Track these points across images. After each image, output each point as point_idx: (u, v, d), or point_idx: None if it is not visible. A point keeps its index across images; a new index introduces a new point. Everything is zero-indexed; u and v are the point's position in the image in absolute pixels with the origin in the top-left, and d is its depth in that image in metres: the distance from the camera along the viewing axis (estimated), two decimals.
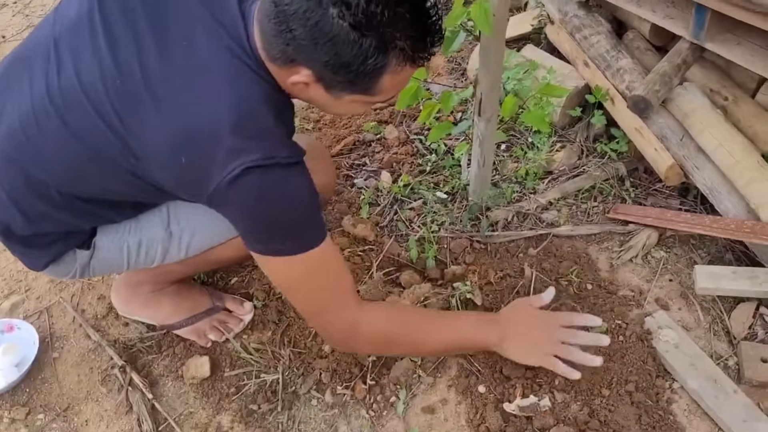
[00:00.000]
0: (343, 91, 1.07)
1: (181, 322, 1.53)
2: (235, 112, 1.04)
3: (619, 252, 1.67)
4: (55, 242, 1.29)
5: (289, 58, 1.03)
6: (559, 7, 2.08)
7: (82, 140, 1.12)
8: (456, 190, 1.83)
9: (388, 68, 1.02)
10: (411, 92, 1.50)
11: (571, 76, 1.99)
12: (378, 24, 0.95)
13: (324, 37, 0.96)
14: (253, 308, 1.57)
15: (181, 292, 1.55)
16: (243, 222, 1.13)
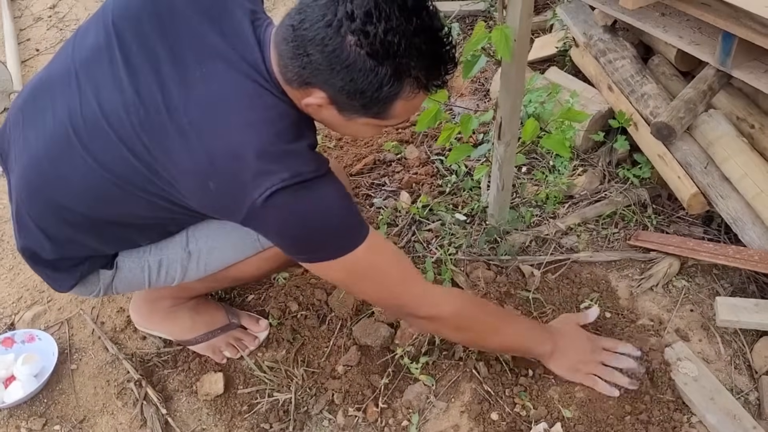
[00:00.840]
0: (355, 114, 1.09)
1: (196, 338, 1.54)
2: (257, 135, 1.06)
3: (640, 280, 1.64)
4: (80, 264, 1.32)
5: (305, 80, 1.05)
6: (585, 30, 2.07)
7: (108, 169, 1.14)
8: (475, 212, 1.82)
9: (402, 95, 1.04)
10: (431, 114, 1.51)
11: (594, 100, 1.98)
12: (395, 54, 0.98)
13: (341, 64, 0.99)
14: (268, 326, 1.58)
15: (197, 308, 1.56)
16: (283, 241, 1.15)
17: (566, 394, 1.40)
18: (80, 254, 1.31)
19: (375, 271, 1.19)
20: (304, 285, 1.67)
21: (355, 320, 1.57)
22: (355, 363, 1.49)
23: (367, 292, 1.26)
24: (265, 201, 1.04)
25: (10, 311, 1.73)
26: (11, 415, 1.48)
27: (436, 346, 1.49)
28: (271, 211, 1.06)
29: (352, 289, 1.30)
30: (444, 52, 1.05)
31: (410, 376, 1.46)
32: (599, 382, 1.40)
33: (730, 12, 1.55)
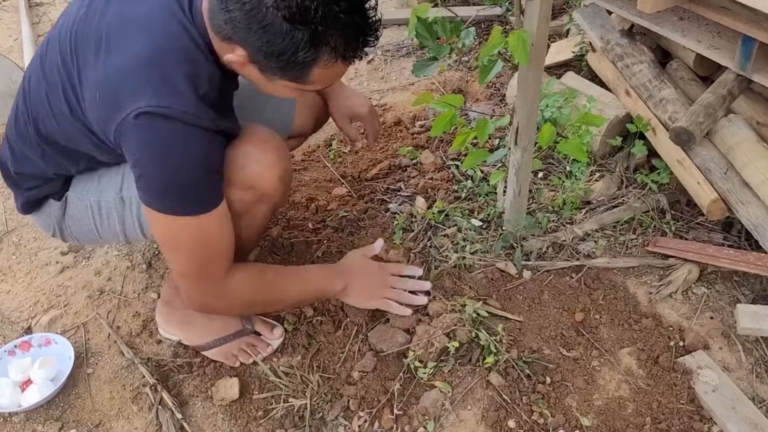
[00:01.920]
0: (275, 76, 1.12)
1: (209, 343, 1.54)
2: (147, 56, 1.10)
3: (658, 287, 1.62)
4: (34, 187, 1.40)
5: (227, 36, 1.09)
6: (602, 35, 2.05)
7: (46, 78, 1.23)
8: (491, 217, 1.81)
9: (319, 62, 1.07)
10: (446, 119, 1.50)
11: (612, 105, 1.96)
12: (311, 19, 1.01)
13: (258, 24, 1.02)
14: (283, 333, 1.57)
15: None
16: (134, 167, 1.16)
17: (585, 401, 1.39)
18: (32, 172, 1.36)
19: (194, 248, 1.21)
20: None
21: (371, 326, 1.56)
22: (370, 369, 1.48)
23: (175, 262, 1.27)
24: (134, 118, 1.08)
25: (27, 315, 1.74)
26: (28, 419, 1.49)
27: (451, 354, 1.48)
28: (135, 130, 1.09)
29: (164, 250, 1.28)
30: (364, 24, 1.08)
31: (426, 382, 1.45)
32: (392, 305, 1.50)
33: (751, 15, 1.53)
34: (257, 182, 1.28)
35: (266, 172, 1.28)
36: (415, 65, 1.42)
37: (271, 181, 1.30)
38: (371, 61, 2.74)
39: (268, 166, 1.28)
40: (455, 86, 2.47)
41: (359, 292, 1.51)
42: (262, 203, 1.34)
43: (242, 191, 1.28)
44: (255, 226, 1.41)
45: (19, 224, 2.03)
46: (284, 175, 1.33)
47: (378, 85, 2.58)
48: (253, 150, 1.26)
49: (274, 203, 1.38)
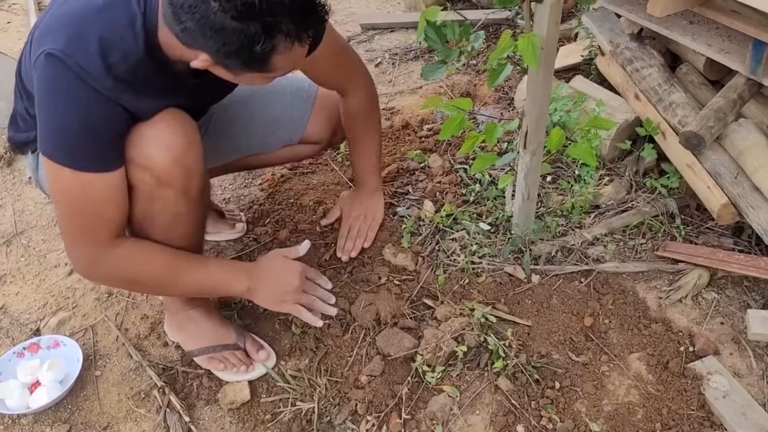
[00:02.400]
0: (241, 71, 1.15)
1: (200, 349, 1.54)
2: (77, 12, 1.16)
3: (668, 291, 1.61)
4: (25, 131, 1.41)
5: (187, 43, 1.12)
6: (611, 38, 2.05)
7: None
8: (499, 221, 1.81)
9: (278, 50, 1.09)
10: (455, 123, 1.49)
11: (621, 109, 1.95)
12: (258, 12, 1.03)
13: (210, 29, 1.05)
14: (269, 357, 1.55)
15: (207, 320, 1.55)
16: (36, 107, 1.19)
17: (594, 407, 1.38)
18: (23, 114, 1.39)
19: (76, 206, 1.21)
20: None
21: (379, 330, 1.55)
22: (378, 373, 1.48)
23: (60, 216, 1.27)
24: (42, 56, 1.13)
25: (36, 317, 1.74)
26: (36, 421, 1.49)
27: (459, 359, 1.47)
28: (39, 68, 1.14)
29: (55, 203, 1.26)
30: (308, 4, 1.10)
31: (434, 387, 1.45)
32: (303, 312, 1.46)
33: (761, 19, 1.52)
34: (149, 162, 1.24)
35: (158, 154, 1.24)
36: (424, 69, 1.42)
37: (163, 162, 1.24)
38: (379, 65, 2.74)
39: (162, 147, 1.24)
40: (463, 90, 2.47)
41: (270, 294, 1.44)
42: (164, 188, 1.27)
43: (140, 171, 1.25)
44: (170, 215, 1.32)
45: (28, 226, 2.04)
46: (181, 158, 1.26)
47: (386, 89, 2.58)
48: (150, 130, 1.24)
49: (180, 189, 1.29)
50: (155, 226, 1.33)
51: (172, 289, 1.40)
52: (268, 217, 1.97)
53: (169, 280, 1.35)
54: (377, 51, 2.85)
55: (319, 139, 1.76)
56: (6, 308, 1.77)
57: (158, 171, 1.24)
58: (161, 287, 1.39)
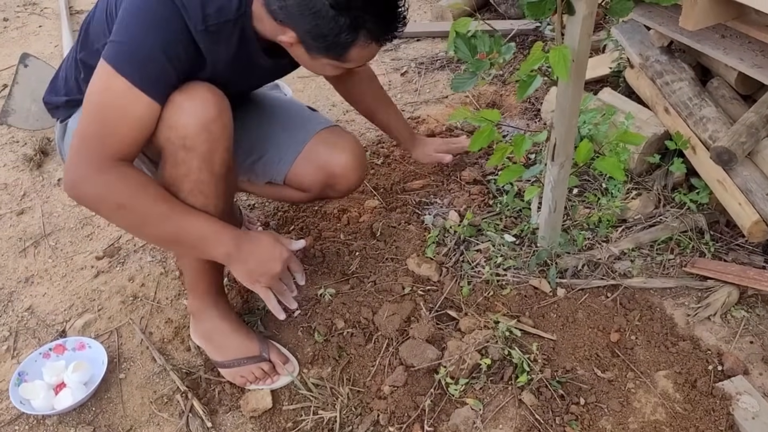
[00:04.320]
0: (318, 55, 1.29)
1: (225, 362, 1.54)
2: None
3: (696, 309, 1.59)
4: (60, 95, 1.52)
5: (280, 19, 1.25)
6: (641, 51, 2.03)
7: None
8: (525, 233, 1.79)
9: (358, 43, 1.25)
10: (484, 135, 1.49)
11: (650, 123, 1.93)
12: (354, 7, 1.19)
13: (309, 11, 1.19)
14: (296, 369, 1.55)
15: (233, 332, 1.56)
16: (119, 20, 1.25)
17: (619, 424, 1.36)
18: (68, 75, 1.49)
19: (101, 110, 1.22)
20: (351, 303, 1.66)
21: (402, 340, 1.55)
22: (401, 384, 1.47)
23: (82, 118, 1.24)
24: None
25: (62, 318, 1.76)
26: (60, 422, 1.50)
27: (483, 372, 1.46)
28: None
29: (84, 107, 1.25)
30: (397, 12, 1.27)
31: (457, 399, 1.44)
32: (272, 299, 1.42)
33: None
34: (177, 124, 1.25)
35: (186, 117, 1.26)
36: (454, 80, 1.42)
37: (190, 126, 1.26)
38: (405, 74, 2.75)
39: (191, 112, 1.26)
40: (490, 100, 2.46)
41: (247, 269, 1.36)
42: (189, 151, 1.28)
43: (167, 130, 1.26)
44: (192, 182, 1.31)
45: (56, 228, 2.06)
46: (208, 125, 1.27)
47: (411, 98, 2.58)
48: (182, 96, 1.26)
49: (203, 156, 1.29)
50: (179, 192, 1.33)
51: (154, 227, 1.28)
52: (293, 224, 1.97)
53: (152, 216, 1.27)
54: (403, 60, 2.85)
55: (306, 187, 1.69)
56: (33, 309, 1.79)
57: (184, 133, 1.26)
58: (142, 222, 1.28)
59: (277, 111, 1.71)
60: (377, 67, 2.82)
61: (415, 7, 3.31)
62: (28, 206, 2.15)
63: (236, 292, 1.76)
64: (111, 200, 1.23)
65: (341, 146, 1.65)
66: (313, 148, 1.65)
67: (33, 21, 3.42)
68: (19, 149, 2.41)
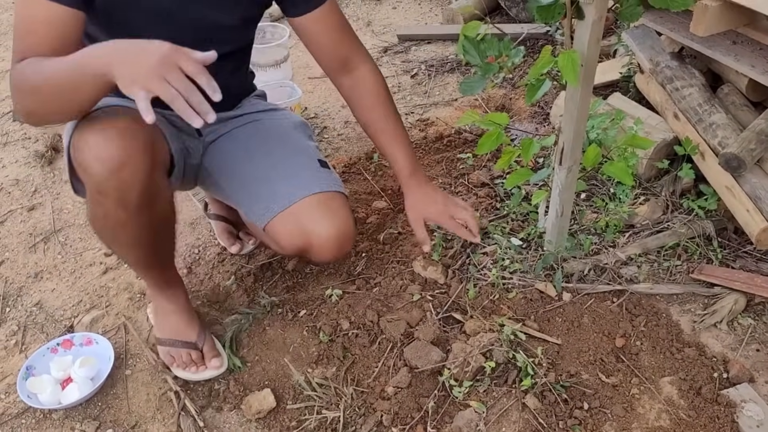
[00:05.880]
0: None
1: (161, 339, 1.60)
2: None
3: (703, 315, 1.58)
4: None
5: None
6: (651, 56, 2.03)
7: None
8: (532, 237, 1.79)
9: None
10: (492, 138, 1.50)
11: (659, 128, 1.93)
12: None
13: None
14: (219, 367, 1.56)
15: (175, 314, 1.59)
16: None
17: (623, 430, 1.36)
18: None
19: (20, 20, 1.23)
20: (357, 304, 1.66)
21: (407, 342, 1.55)
22: (405, 385, 1.47)
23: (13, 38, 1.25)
24: None
25: (70, 314, 1.77)
26: (66, 416, 1.51)
27: (487, 374, 1.46)
28: None
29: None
30: None
31: (461, 401, 1.44)
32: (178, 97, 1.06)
33: None
34: (88, 168, 1.21)
35: (95, 164, 1.20)
36: (463, 83, 1.42)
37: (98, 174, 1.21)
38: (415, 76, 2.75)
39: (99, 157, 1.19)
40: (499, 103, 2.47)
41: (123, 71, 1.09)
42: (102, 196, 1.25)
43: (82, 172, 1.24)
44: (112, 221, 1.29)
45: (66, 224, 2.08)
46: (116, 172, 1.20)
47: (421, 100, 2.58)
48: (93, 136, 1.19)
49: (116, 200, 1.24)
50: (101, 228, 1.34)
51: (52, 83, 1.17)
52: None
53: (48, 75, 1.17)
54: (413, 62, 2.85)
55: (282, 245, 1.55)
56: (42, 304, 1.81)
57: (95, 179, 1.22)
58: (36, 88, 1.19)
59: (288, 156, 1.58)
60: (387, 69, 2.83)
61: (425, 10, 3.32)
62: (38, 202, 2.17)
63: (242, 290, 1.77)
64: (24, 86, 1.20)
65: (329, 218, 1.49)
66: (299, 210, 1.49)
67: None
68: (31, 146, 2.43)
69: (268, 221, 1.51)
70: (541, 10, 1.34)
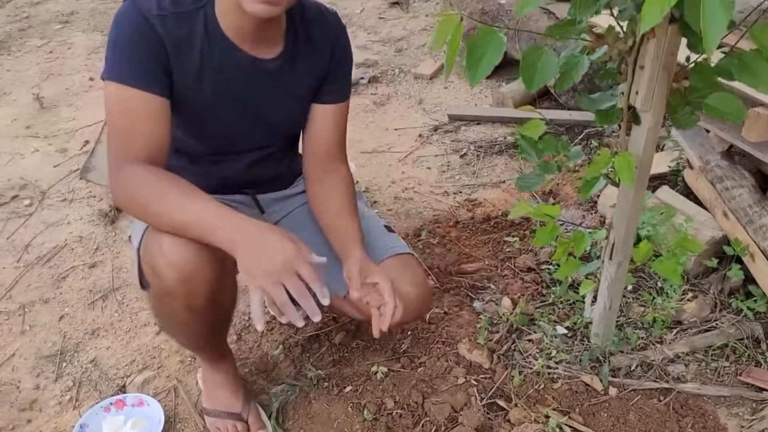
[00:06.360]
0: None
1: (208, 409, 1.63)
2: None
3: (751, 421, 1.57)
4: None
5: None
6: (701, 154, 2.07)
7: None
8: (578, 327, 1.81)
9: None
10: (548, 231, 1.54)
11: (708, 225, 1.95)
12: None
13: None
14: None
15: (222, 385, 1.63)
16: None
17: None
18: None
19: (113, 116, 1.29)
20: (402, 384, 1.69)
21: (450, 427, 1.56)
22: None
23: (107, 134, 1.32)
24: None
25: (123, 373, 1.83)
26: None
27: None
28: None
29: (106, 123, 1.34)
30: None
31: None
32: (287, 302, 1.17)
33: None
34: (158, 271, 1.27)
35: (166, 268, 1.25)
36: (519, 180, 1.48)
37: (168, 278, 1.26)
38: (464, 156, 2.83)
39: (171, 263, 1.25)
40: (547, 188, 2.51)
41: (254, 262, 1.17)
42: (169, 297, 1.30)
43: (151, 274, 1.31)
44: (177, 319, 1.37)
45: (124, 283, 2.16)
46: (186, 279, 1.26)
47: (469, 180, 2.65)
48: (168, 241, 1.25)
49: (182, 303, 1.30)
50: (164, 321, 1.46)
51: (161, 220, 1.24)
52: None
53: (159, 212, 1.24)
54: (463, 142, 2.94)
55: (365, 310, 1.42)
56: (97, 361, 1.87)
57: (166, 284, 1.28)
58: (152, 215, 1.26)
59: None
60: (436, 147, 2.91)
61: (476, 91, 3.42)
62: (99, 260, 2.27)
63: (290, 361, 1.81)
64: (123, 196, 1.28)
65: (409, 279, 1.47)
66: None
67: None
68: (96, 204, 2.55)
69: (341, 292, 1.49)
70: (600, 114, 1.40)
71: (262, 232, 1.19)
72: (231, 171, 1.56)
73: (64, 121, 3.25)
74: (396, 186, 2.65)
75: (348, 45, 1.53)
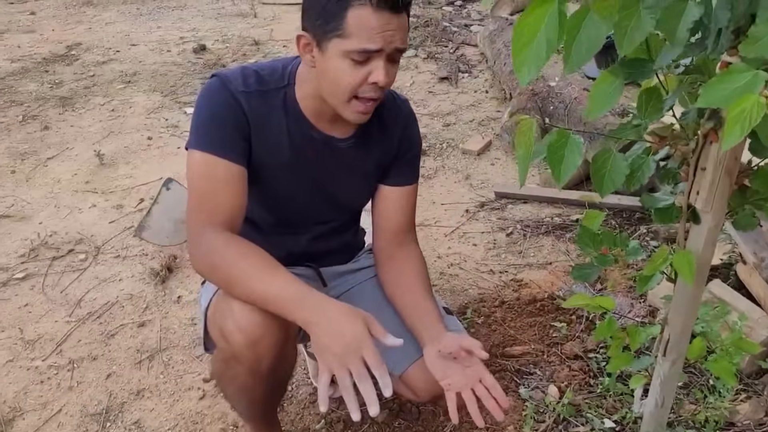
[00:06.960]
0: (326, 40, 1.24)
1: None
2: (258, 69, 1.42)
3: None
4: None
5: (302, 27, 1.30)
6: (755, 250, 2.04)
7: None
8: (626, 421, 1.77)
9: (351, 7, 1.20)
10: (605, 327, 1.53)
11: (762, 323, 1.91)
12: None
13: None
14: None
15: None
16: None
17: None
18: None
19: (196, 181, 1.36)
20: None
21: None
22: None
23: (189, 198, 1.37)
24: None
25: None
26: None
27: None
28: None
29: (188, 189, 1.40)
30: None
31: None
32: (350, 388, 1.18)
33: None
34: (227, 335, 1.31)
35: (235, 332, 1.29)
36: (575, 270, 1.47)
37: (237, 343, 1.30)
38: (510, 234, 2.84)
39: (240, 327, 1.29)
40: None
41: (320, 341, 1.21)
42: (236, 361, 1.34)
43: (220, 337, 1.34)
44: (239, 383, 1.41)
45: (171, 344, 2.19)
46: (254, 343, 1.30)
47: (515, 260, 2.65)
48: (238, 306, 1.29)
49: (248, 368, 1.35)
50: (226, 385, 1.47)
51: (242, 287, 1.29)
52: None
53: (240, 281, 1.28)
54: (509, 220, 2.95)
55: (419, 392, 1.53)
56: (140, 423, 1.88)
57: (233, 347, 1.31)
58: (231, 283, 1.30)
59: None
60: (483, 224, 2.93)
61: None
62: (148, 319, 2.31)
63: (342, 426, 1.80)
64: (206, 264, 1.32)
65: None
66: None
67: (173, 142, 3.78)
68: (147, 262, 2.62)
69: (405, 369, 1.52)
70: (659, 212, 1.41)
71: (339, 313, 1.23)
72: (295, 242, 1.60)
73: (122, 178, 3.37)
74: (442, 261, 2.66)
75: (417, 133, 1.59)
